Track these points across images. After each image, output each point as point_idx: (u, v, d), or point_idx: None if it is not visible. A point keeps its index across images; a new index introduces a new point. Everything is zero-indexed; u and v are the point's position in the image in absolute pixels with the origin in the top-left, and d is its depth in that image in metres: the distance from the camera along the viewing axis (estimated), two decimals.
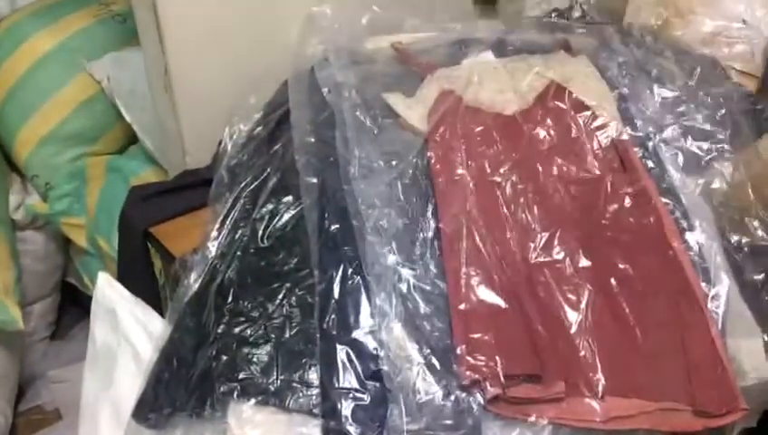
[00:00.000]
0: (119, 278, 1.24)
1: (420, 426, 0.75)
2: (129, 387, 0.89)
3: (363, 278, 0.83)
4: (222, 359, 0.82)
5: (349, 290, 0.83)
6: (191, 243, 1.02)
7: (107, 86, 1.59)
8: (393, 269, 0.83)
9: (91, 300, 1.01)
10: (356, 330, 0.80)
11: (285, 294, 0.86)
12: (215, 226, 0.97)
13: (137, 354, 0.93)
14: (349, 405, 0.76)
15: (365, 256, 0.84)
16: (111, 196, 1.54)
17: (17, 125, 1.64)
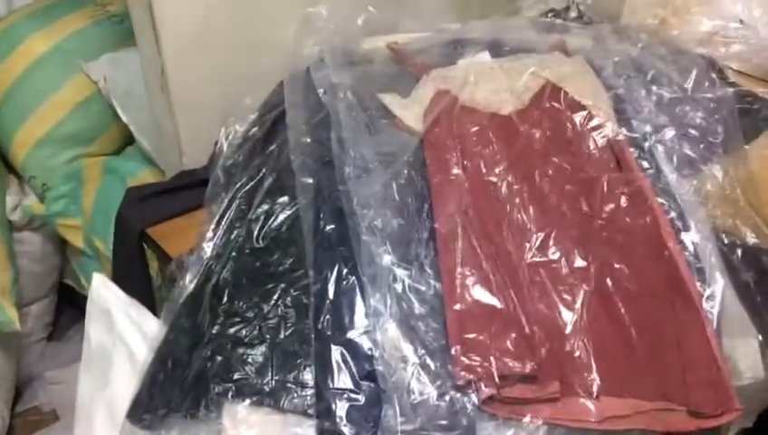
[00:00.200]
0: (114, 279, 1.23)
1: (415, 426, 0.75)
2: (125, 388, 0.89)
3: (358, 278, 0.83)
4: (217, 359, 0.82)
5: (344, 290, 0.83)
6: (187, 244, 1.02)
7: (103, 87, 1.59)
8: (388, 269, 0.83)
9: None
10: (351, 330, 0.80)
11: (280, 295, 0.85)
12: (210, 226, 0.97)
13: (132, 355, 0.93)
14: (343, 405, 0.76)
15: (360, 257, 0.84)
16: (108, 197, 1.54)
17: (14, 126, 1.64)
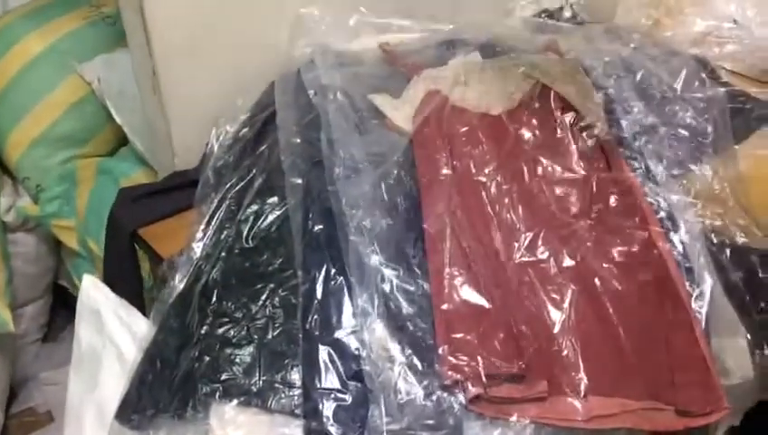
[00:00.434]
0: (105, 279, 1.24)
1: (402, 426, 0.75)
2: (114, 388, 0.89)
3: (346, 279, 0.83)
4: (205, 360, 0.82)
5: (332, 290, 0.83)
6: (179, 244, 1.02)
7: (97, 88, 1.59)
8: (376, 269, 0.83)
9: None
10: (338, 330, 0.81)
11: (269, 295, 0.86)
12: (200, 227, 0.97)
13: (121, 356, 0.93)
14: (330, 405, 0.76)
15: (348, 257, 0.84)
16: (102, 198, 1.53)
17: (8, 127, 1.64)
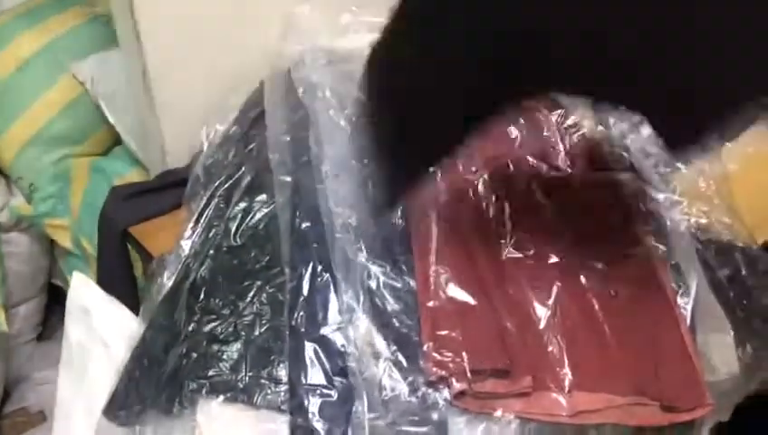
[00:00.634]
0: (98, 278, 1.24)
1: (386, 421, 0.75)
2: (103, 385, 0.90)
3: (332, 276, 0.84)
4: (192, 356, 0.83)
5: (318, 287, 0.83)
6: (170, 243, 1.02)
7: (91, 88, 1.59)
8: (362, 266, 0.84)
9: None
10: (324, 326, 0.81)
11: (256, 292, 0.86)
12: (189, 224, 0.97)
13: (111, 354, 0.93)
14: (316, 401, 0.77)
15: (334, 254, 0.85)
16: (95, 197, 1.54)
17: (2, 127, 1.64)
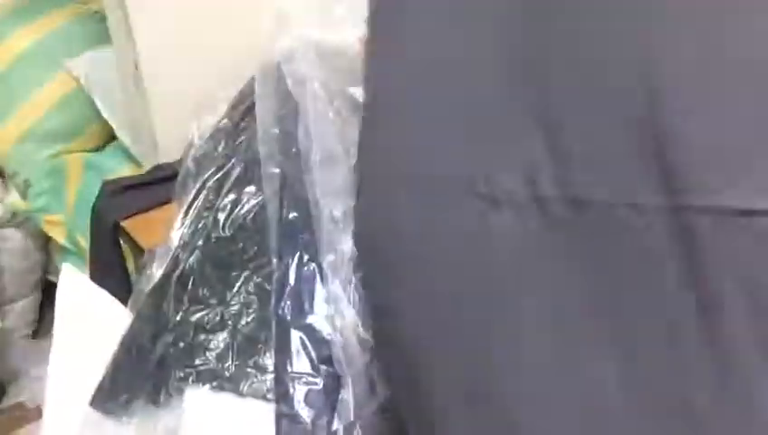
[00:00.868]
0: (91, 271, 1.25)
1: (371, 410, 0.76)
2: (92, 376, 0.90)
3: (319, 265, 0.84)
4: (179, 346, 0.83)
5: (304, 277, 0.83)
6: (161, 236, 1.03)
7: (85, 84, 1.60)
8: (349, 256, 0.84)
9: None
10: (310, 315, 0.81)
11: (243, 282, 0.86)
12: (178, 216, 0.97)
13: (100, 344, 0.93)
14: (302, 389, 0.77)
15: (321, 244, 0.85)
16: (90, 193, 1.54)
17: None
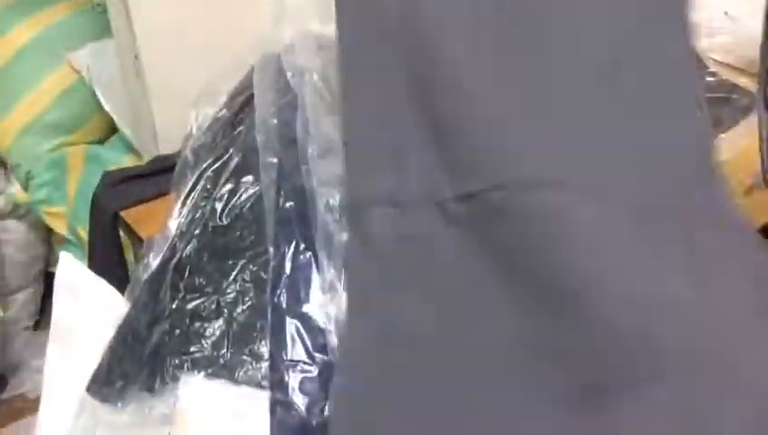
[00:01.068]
0: (90, 263, 1.25)
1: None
2: (89, 364, 0.90)
3: (315, 254, 0.84)
4: (174, 333, 0.83)
5: (300, 265, 0.83)
6: (160, 226, 1.03)
7: (87, 76, 1.60)
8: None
9: None
10: (306, 304, 0.81)
11: (240, 271, 0.86)
12: (176, 205, 0.98)
13: (97, 332, 0.94)
14: (296, 377, 0.77)
15: (317, 233, 0.85)
16: (91, 185, 1.54)
17: None
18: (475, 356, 0.70)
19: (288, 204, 0.89)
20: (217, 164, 0.99)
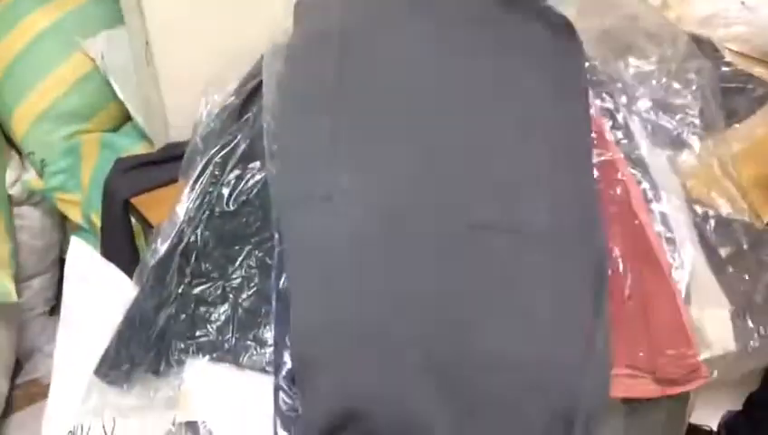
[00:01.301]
0: (102, 247, 1.26)
1: None
2: (98, 347, 0.91)
3: None
4: (180, 318, 0.84)
5: None
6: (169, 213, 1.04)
7: (101, 63, 1.61)
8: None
9: None
10: None
11: (246, 256, 0.87)
12: (184, 191, 0.98)
13: (106, 316, 0.94)
14: None
15: None
16: (104, 172, 1.55)
17: (14, 103, 1.66)
18: None
19: None
20: (225, 150, 1.00)
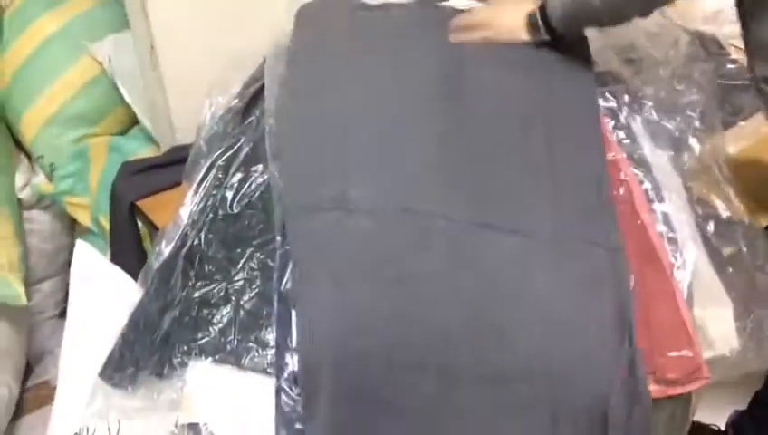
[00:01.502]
0: (111, 250, 1.27)
1: None
2: (103, 349, 0.92)
3: None
4: (184, 320, 0.84)
5: None
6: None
7: (108, 68, 1.62)
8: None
9: None
10: None
11: (248, 258, 0.88)
12: (188, 194, 0.99)
13: (111, 318, 0.95)
14: None
15: None
16: (112, 176, 1.56)
17: (23, 107, 1.67)
18: None
19: None
20: (229, 153, 1.00)
